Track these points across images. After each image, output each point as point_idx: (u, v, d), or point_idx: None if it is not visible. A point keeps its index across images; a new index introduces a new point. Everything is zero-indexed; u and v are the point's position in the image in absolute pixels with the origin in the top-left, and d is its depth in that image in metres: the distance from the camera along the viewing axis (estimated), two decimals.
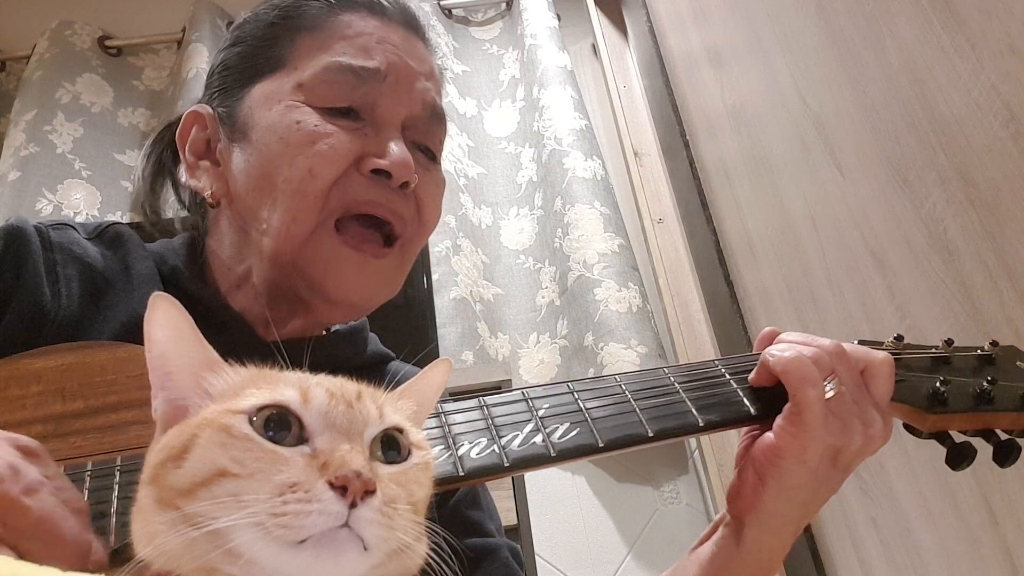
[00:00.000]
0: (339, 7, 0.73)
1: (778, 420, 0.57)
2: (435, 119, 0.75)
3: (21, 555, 0.39)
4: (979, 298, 0.79)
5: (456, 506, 0.76)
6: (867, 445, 0.57)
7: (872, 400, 0.58)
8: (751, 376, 0.61)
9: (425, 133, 0.74)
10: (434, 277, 1.90)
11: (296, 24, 0.72)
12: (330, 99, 0.69)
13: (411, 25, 0.76)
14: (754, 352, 0.63)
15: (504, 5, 2.51)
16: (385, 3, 0.74)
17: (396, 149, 0.69)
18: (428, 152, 0.75)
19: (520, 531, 1.65)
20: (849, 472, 0.59)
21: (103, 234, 0.73)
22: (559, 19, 2.38)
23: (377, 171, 0.68)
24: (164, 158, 0.80)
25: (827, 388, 0.56)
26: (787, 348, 0.58)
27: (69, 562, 0.40)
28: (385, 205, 0.69)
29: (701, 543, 0.63)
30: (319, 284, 0.68)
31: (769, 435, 0.57)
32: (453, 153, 2.13)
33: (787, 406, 0.57)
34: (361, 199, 0.68)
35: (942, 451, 0.62)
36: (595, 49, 2.42)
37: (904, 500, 1.00)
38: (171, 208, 0.82)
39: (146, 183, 0.80)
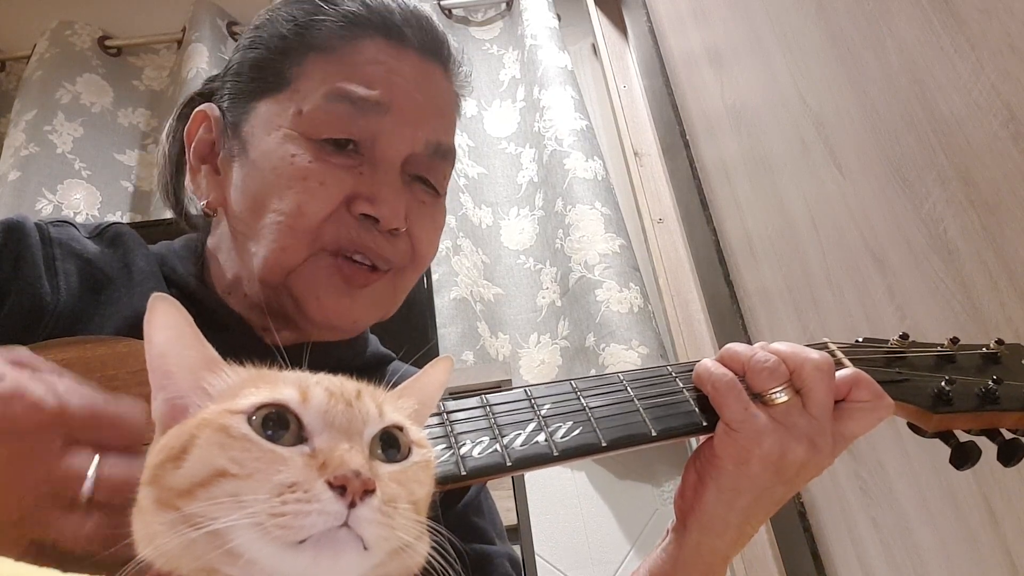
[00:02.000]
0: (355, 30, 0.70)
1: (719, 421, 0.57)
2: (439, 156, 0.72)
3: (96, 447, 0.41)
4: (979, 298, 0.79)
5: (463, 512, 0.76)
6: (810, 460, 0.56)
7: (835, 425, 0.57)
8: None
9: (427, 169, 0.72)
10: (434, 277, 1.90)
11: (308, 42, 0.70)
12: (327, 131, 0.67)
13: (430, 50, 0.73)
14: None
15: (504, 5, 2.51)
16: (404, 28, 0.71)
17: (388, 195, 0.67)
18: (429, 185, 0.73)
19: (520, 531, 1.65)
20: (795, 485, 0.58)
21: (103, 233, 0.73)
22: (559, 19, 2.38)
23: (366, 215, 0.67)
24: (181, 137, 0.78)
25: (776, 394, 0.56)
26: (725, 356, 0.59)
27: (134, 438, 0.42)
28: (373, 249, 0.68)
29: (655, 549, 0.63)
30: (303, 305, 0.67)
31: (712, 437, 0.57)
32: None
33: None
34: (349, 240, 0.67)
35: (942, 451, 0.62)
36: (595, 49, 2.42)
37: (904, 500, 1.00)
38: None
39: (171, 164, 0.78)
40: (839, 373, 0.58)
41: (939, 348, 0.66)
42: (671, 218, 2.03)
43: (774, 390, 0.56)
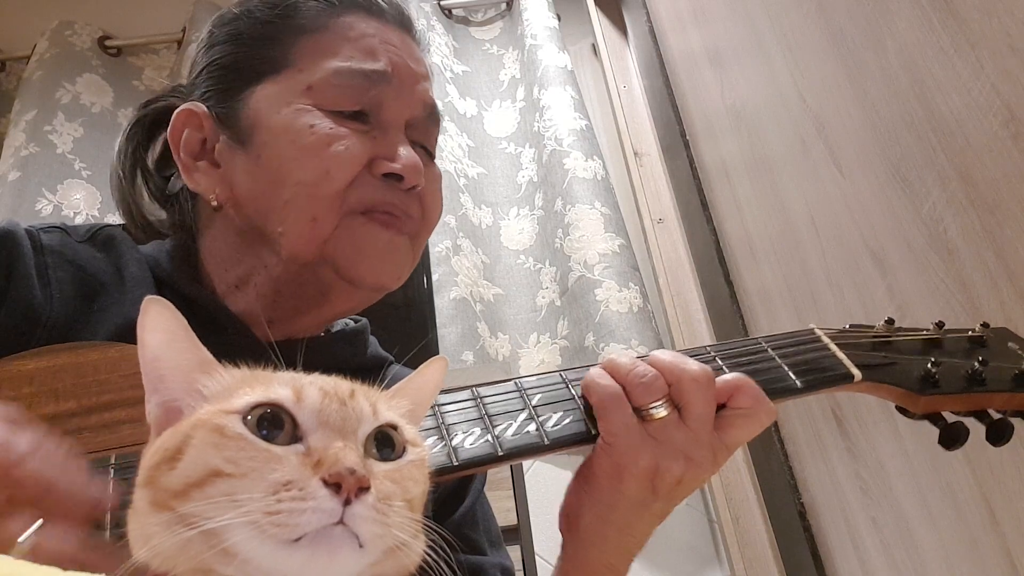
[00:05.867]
0: (338, 8, 0.73)
1: (599, 436, 0.55)
2: (432, 119, 0.77)
3: (38, 517, 0.40)
4: (979, 298, 0.79)
5: (458, 524, 0.76)
6: (687, 474, 0.54)
7: (717, 437, 0.55)
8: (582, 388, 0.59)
9: (424, 133, 0.76)
10: (434, 277, 1.90)
11: (295, 24, 0.72)
12: (341, 102, 0.69)
13: (405, 25, 0.77)
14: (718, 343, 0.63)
15: (504, 5, 2.51)
16: (382, 4, 0.75)
17: (406, 153, 0.70)
18: (426, 150, 0.77)
19: (520, 531, 1.65)
20: (673, 501, 0.56)
21: (95, 237, 0.72)
22: (559, 19, 2.38)
23: (388, 174, 0.69)
24: (139, 153, 0.79)
25: (654, 409, 0.54)
26: (608, 367, 0.57)
27: (83, 515, 0.41)
28: (399, 206, 0.70)
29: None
30: (348, 270, 0.68)
31: (592, 452, 0.56)
32: (453, 153, 2.13)
33: None
34: (376, 200, 0.69)
35: (942, 452, 0.62)
36: (595, 49, 2.42)
37: (904, 500, 1.00)
38: (151, 210, 0.81)
39: (127, 184, 0.79)
40: (721, 379, 0.57)
41: (925, 332, 0.66)
42: (671, 218, 2.03)
43: (652, 405, 0.55)
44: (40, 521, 0.40)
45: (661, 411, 0.55)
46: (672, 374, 0.55)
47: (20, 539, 0.39)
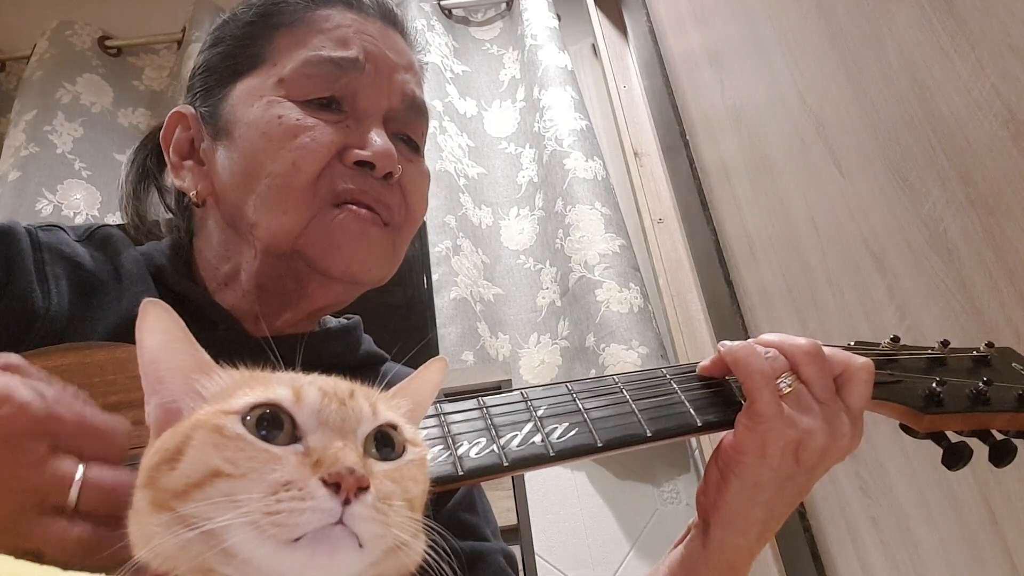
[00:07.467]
0: (316, 2, 0.73)
1: (738, 415, 0.57)
2: (415, 111, 0.75)
3: (81, 456, 0.42)
4: (979, 298, 0.79)
5: (453, 510, 0.76)
6: (831, 444, 0.57)
7: (842, 403, 0.58)
8: (702, 364, 0.61)
9: (406, 124, 0.75)
10: (434, 277, 1.90)
11: (274, 21, 0.73)
12: (311, 91, 0.69)
13: (389, 18, 0.76)
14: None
15: (504, 5, 2.51)
16: None
17: (378, 140, 0.69)
18: (411, 143, 0.76)
19: (520, 531, 1.64)
20: (816, 474, 0.58)
21: (92, 236, 0.73)
22: (559, 19, 2.38)
23: (360, 162, 0.69)
24: (149, 163, 0.81)
25: (782, 383, 0.57)
26: (743, 342, 0.59)
27: (117, 451, 0.43)
28: (370, 194, 0.69)
29: (675, 547, 0.63)
30: (320, 261, 0.68)
31: (731, 432, 0.58)
32: (453, 153, 2.13)
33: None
34: (346, 189, 0.68)
35: (941, 452, 0.62)
36: (595, 49, 2.42)
37: (904, 500, 1.00)
38: (155, 212, 0.82)
39: (130, 187, 0.80)
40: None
41: (930, 351, 0.66)
42: (671, 218, 2.03)
43: (780, 381, 0.57)
44: (83, 464, 0.41)
45: (789, 385, 0.57)
46: (785, 350, 0.58)
47: (76, 477, 0.40)
